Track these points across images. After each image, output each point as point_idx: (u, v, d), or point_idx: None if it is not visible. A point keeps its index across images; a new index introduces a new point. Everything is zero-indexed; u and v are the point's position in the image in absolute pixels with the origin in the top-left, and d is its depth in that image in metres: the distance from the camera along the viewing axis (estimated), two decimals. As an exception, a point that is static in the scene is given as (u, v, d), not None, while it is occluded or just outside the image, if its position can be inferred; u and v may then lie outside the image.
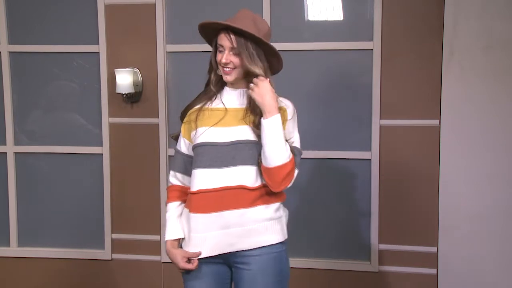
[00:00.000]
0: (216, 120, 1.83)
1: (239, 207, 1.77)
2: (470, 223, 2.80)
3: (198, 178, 1.80)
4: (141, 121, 3.06)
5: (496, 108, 2.75)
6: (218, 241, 1.79)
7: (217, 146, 1.79)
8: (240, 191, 1.77)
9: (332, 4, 2.88)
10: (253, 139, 1.79)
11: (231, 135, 1.80)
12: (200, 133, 1.83)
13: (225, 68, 1.82)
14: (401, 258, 2.91)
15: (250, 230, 1.78)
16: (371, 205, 2.90)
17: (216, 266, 1.84)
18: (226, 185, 1.77)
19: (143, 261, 3.12)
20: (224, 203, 1.77)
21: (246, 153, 1.78)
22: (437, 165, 2.81)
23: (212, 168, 1.78)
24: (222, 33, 1.81)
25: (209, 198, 1.78)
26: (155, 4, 2.97)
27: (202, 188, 1.79)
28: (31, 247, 3.22)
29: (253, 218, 1.78)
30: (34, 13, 3.10)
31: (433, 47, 2.78)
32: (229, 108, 1.85)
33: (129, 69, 2.98)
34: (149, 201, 3.09)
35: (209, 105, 1.89)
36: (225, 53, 1.80)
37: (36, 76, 3.14)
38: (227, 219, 1.77)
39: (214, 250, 1.80)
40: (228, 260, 1.83)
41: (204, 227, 1.79)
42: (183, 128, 1.94)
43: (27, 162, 3.19)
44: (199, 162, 1.81)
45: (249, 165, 1.78)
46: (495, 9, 2.71)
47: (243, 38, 1.78)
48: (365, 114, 2.88)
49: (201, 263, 1.83)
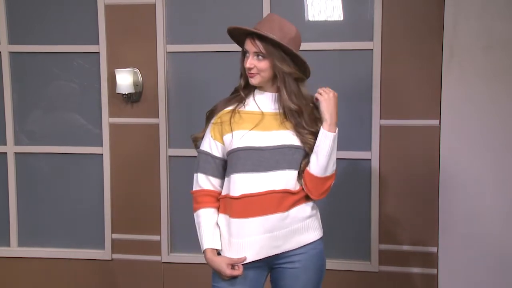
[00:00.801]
0: (254, 124, 1.81)
1: (283, 210, 1.78)
2: (470, 223, 2.80)
3: (241, 182, 1.78)
4: (141, 121, 3.06)
5: (496, 108, 2.75)
6: (263, 245, 1.79)
7: (260, 151, 1.78)
8: (285, 195, 1.78)
9: (332, 4, 2.88)
10: (296, 144, 1.81)
11: (274, 139, 1.80)
12: (239, 137, 1.80)
13: (250, 72, 1.83)
14: (401, 258, 2.91)
15: (293, 230, 1.81)
16: (371, 205, 2.90)
17: (254, 270, 1.83)
18: (271, 189, 1.77)
19: (143, 261, 3.12)
20: (269, 207, 1.77)
21: (291, 158, 1.79)
22: (437, 165, 2.82)
23: (255, 172, 1.77)
24: (248, 38, 1.82)
25: (253, 203, 1.77)
26: (155, 4, 2.97)
27: (246, 192, 1.77)
28: (31, 247, 3.22)
29: (295, 218, 1.81)
30: (34, 13, 3.10)
31: (433, 47, 2.79)
32: (265, 112, 1.85)
33: (129, 69, 2.98)
34: (149, 201, 3.09)
35: (242, 108, 1.87)
36: (249, 57, 1.81)
37: (36, 76, 3.14)
38: (273, 222, 1.78)
39: (260, 254, 1.80)
40: (271, 262, 1.85)
41: (249, 232, 1.78)
42: (213, 130, 1.87)
43: (27, 162, 3.19)
44: (241, 166, 1.78)
45: (292, 170, 1.80)
46: (495, 9, 2.71)
47: (269, 44, 1.79)
48: (366, 114, 2.88)
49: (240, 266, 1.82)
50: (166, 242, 3.09)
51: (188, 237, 3.08)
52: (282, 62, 1.79)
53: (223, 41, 2.95)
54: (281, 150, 1.79)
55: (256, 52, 1.79)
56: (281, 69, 1.79)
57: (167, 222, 3.08)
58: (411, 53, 2.81)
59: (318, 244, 1.88)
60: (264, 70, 1.81)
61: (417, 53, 2.80)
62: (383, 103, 2.85)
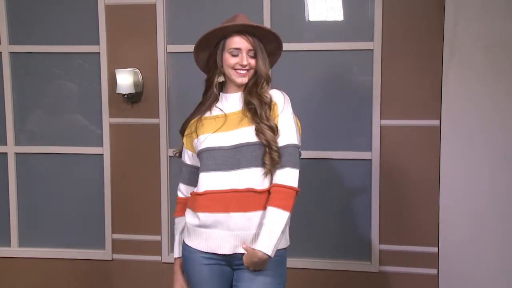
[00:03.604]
0: (217, 127, 1.84)
1: (247, 210, 1.78)
2: (470, 223, 2.80)
3: (205, 180, 1.82)
4: (142, 121, 3.06)
5: (496, 108, 2.75)
6: (224, 242, 1.80)
7: (222, 150, 1.80)
8: (248, 193, 1.77)
9: (333, 4, 2.88)
10: (253, 141, 1.79)
11: (234, 139, 1.80)
12: (202, 140, 1.84)
13: (241, 71, 1.83)
14: (401, 258, 2.91)
15: (255, 234, 1.79)
16: (372, 205, 2.90)
17: (220, 266, 1.86)
18: (234, 187, 1.78)
19: (143, 261, 3.12)
20: (232, 205, 1.77)
21: (250, 155, 1.78)
22: (438, 165, 2.81)
23: (219, 171, 1.79)
24: (237, 36, 1.81)
25: (216, 199, 1.79)
26: (156, 4, 2.97)
27: (209, 189, 1.80)
28: (32, 247, 3.22)
29: (259, 222, 1.78)
30: (34, 14, 3.10)
31: (433, 48, 2.78)
32: (228, 113, 1.86)
33: (129, 69, 2.98)
34: (149, 202, 3.09)
35: (208, 114, 1.90)
36: (244, 55, 1.81)
37: (36, 77, 3.14)
38: (235, 221, 1.78)
39: (216, 249, 1.82)
40: (231, 262, 1.84)
41: (211, 224, 1.81)
42: (185, 141, 1.97)
43: (27, 162, 3.19)
44: (205, 166, 1.83)
45: (254, 167, 1.78)
46: (495, 10, 2.71)
47: (257, 39, 1.82)
48: (366, 114, 2.88)
49: (205, 265, 1.85)
50: (166, 242, 3.09)
51: (188, 237, 3.08)
52: (264, 61, 1.84)
53: (224, 41, 2.97)
54: (239, 148, 1.79)
55: (250, 50, 1.80)
56: (262, 69, 1.83)
57: (168, 222, 3.08)
58: (412, 54, 2.81)
59: (279, 253, 1.80)
60: (253, 68, 1.84)
61: (417, 54, 2.80)
62: (383, 103, 2.85)
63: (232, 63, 1.83)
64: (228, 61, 1.83)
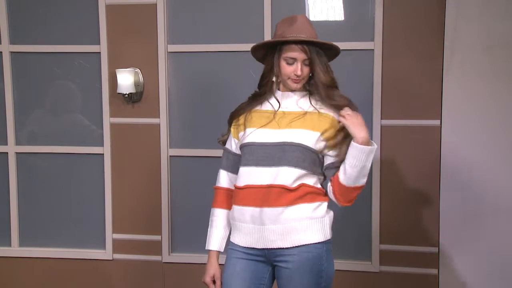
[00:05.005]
0: (265, 122, 1.88)
1: (280, 205, 1.81)
2: (471, 223, 2.80)
3: (245, 175, 1.87)
4: (142, 121, 3.06)
5: (497, 108, 2.75)
6: (260, 236, 1.84)
7: (264, 146, 1.84)
8: (282, 190, 1.81)
9: (333, 4, 2.88)
10: (296, 142, 1.82)
11: (279, 137, 1.84)
12: (248, 134, 1.89)
13: (295, 79, 1.86)
14: (402, 258, 2.90)
15: (289, 228, 1.81)
16: (372, 205, 2.90)
17: (255, 263, 1.88)
18: (271, 183, 1.81)
19: (144, 261, 3.12)
20: (267, 200, 1.81)
21: (291, 155, 1.81)
22: (438, 165, 2.81)
23: (258, 166, 1.84)
24: (294, 44, 1.83)
25: (253, 194, 1.84)
26: (156, 4, 2.97)
27: (249, 184, 1.85)
28: (33, 247, 3.22)
29: (292, 216, 1.82)
30: (35, 13, 3.10)
31: (434, 48, 2.78)
32: (279, 111, 1.89)
33: (130, 69, 2.98)
34: (150, 201, 3.09)
35: (259, 108, 1.95)
36: (299, 65, 1.84)
37: (37, 76, 3.14)
38: (268, 215, 1.81)
39: (248, 242, 1.86)
40: (269, 258, 1.87)
41: (244, 218, 1.86)
42: (233, 130, 2.00)
43: (28, 162, 3.20)
44: (245, 161, 1.88)
45: (291, 167, 1.81)
46: (496, 10, 2.71)
47: (314, 48, 1.84)
48: (366, 114, 2.87)
49: (240, 260, 1.89)
50: (166, 242, 3.09)
51: (188, 237, 3.08)
52: (323, 67, 1.87)
53: (224, 41, 2.97)
54: (282, 147, 1.82)
55: (305, 59, 1.84)
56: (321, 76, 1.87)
57: (168, 222, 3.08)
58: (412, 53, 2.81)
59: (315, 248, 1.83)
60: (307, 76, 1.88)
61: (418, 53, 2.80)
62: (384, 103, 2.85)
63: (287, 72, 1.86)
64: (284, 70, 1.86)
